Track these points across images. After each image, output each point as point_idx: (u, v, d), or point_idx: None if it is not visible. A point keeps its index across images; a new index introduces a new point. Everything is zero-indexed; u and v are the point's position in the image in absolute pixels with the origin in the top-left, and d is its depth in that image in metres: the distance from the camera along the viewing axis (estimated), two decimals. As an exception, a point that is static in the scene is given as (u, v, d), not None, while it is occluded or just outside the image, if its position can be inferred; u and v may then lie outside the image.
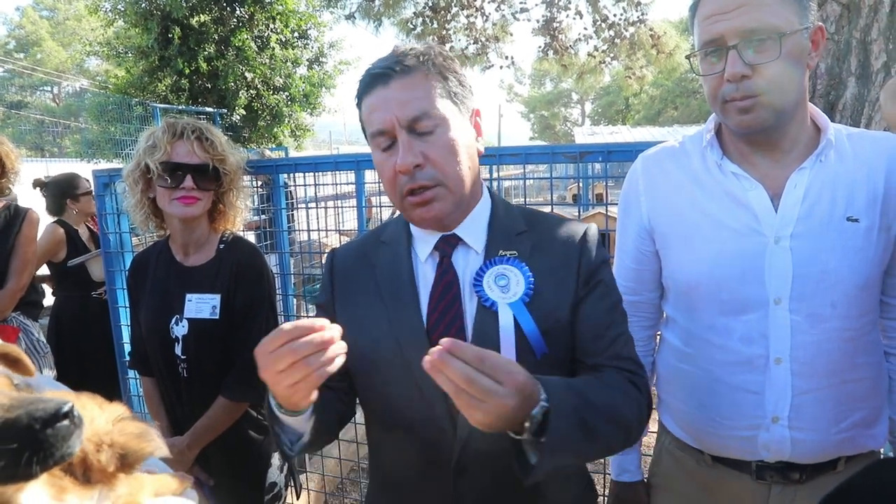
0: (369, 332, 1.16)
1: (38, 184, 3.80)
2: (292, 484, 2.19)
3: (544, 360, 1.10)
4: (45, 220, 3.65)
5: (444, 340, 0.86)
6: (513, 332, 1.09)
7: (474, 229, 1.19)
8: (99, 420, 0.64)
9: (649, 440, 1.62)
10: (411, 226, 1.23)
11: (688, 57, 1.31)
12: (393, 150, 1.10)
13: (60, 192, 3.72)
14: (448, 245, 1.18)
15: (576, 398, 0.98)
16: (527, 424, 0.90)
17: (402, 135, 1.09)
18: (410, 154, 1.08)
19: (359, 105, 1.17)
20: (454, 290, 1.15)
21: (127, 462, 0.64)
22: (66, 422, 0.54)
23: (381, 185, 1.23)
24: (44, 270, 3.66)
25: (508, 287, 1.12)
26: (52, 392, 0.65)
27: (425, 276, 1.18)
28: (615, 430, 1.04)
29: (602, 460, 1.99)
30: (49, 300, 3.83)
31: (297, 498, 2.36)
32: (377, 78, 1.11)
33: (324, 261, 1.42)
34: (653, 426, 1.67)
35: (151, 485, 0.68)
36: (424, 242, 1.20)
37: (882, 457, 1.41)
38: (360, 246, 1.30)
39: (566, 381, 1.03)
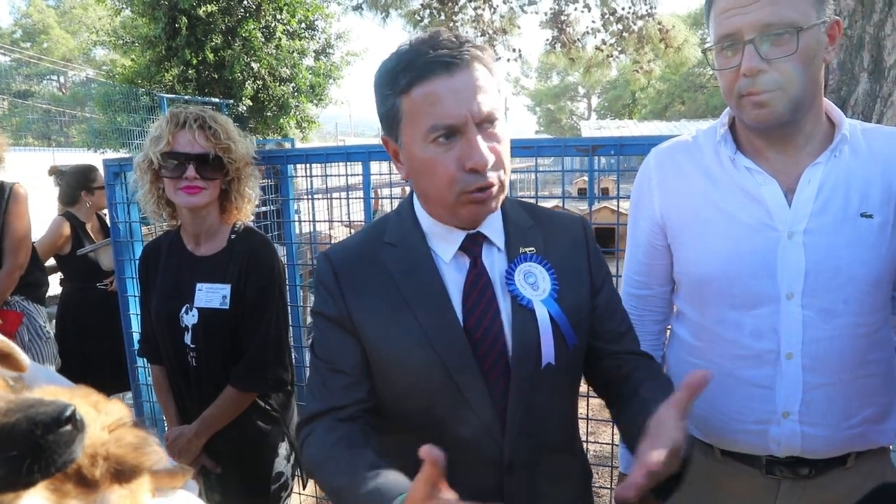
0: (399, 340, 1.12)
1: (53, 171, 3.78)
2: (299, 474, 2.20)
3: (574, 350, 1.16)
4: (43, 208, 3.63)
5: (639, 473, 0.90)
6: (550, 328, 1.12)
7: (495, 226, 1.19)
8: (94, 427, 0.60)
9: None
10: (423, 225, 1.18)
11: (703, 51, 1.30)
12: (452, 145, 1.04)
13: (77, 183, 3.70)
14: (476, 244, 1.16)
15: None
16: None
17: (472, 130, 1.03)
18: (487, 151, 1.04)
19: (405, 90, 1.05)
20: (490, 292, 1.14)
21: (123, 476, 0.61)
22: (68, 427, 0.51)
23: (392, 177, 1.20)
24: (50, 262, 3.67)
25: (537, 284, 1.15)
26: (46, 387, 0.63)
27: (452, 277, 1.15)
28: None
29: (609, 453, 1.99)
30: (56, 289, 3.84)
31: (304, 488, 2.38)
32: (440, 65, 1.02)
33: None
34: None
35: (152, 480, 0.66)
36: (446, 242, 1.16)
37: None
38: (361, 247, 1.21)
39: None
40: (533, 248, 1.18)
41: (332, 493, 1.08)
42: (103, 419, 0.63)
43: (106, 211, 3.94)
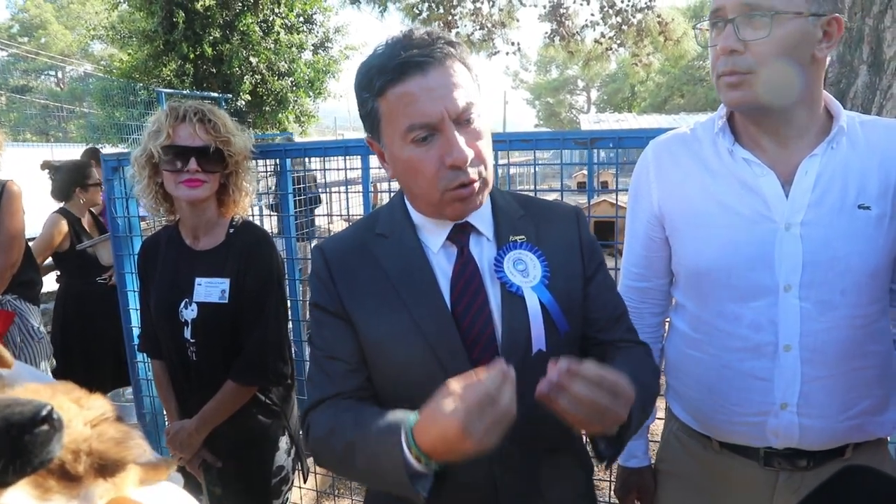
0: (390, 330, 1.13)
1: (46, 166, 3.74)
2: (300, 468, 2.21)
3: (566, 338, 1.16)
4: (41, 204, 3.60)
5: (565, 362, 0.94)
6: (540, 315, 1.12)
7: (483, 216, 1.20)
8: (76, 422, 0.60)
9: (657, 426, 1.62)
10: (413, 216, 1.20)
11: (694, 27, 1.31)
12: (431, 144, 1.05)
13: (71, 179, 3.67)
14: (463, 234, 1.17)
15: (639, 389, 1.06)
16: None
17: (450, 127, 1.04)
18: (466, 147, 1.04)
19: (380, 92, 1.06)
20: (477, 280, 1.14)
21: (107, 471, 0.60)
22: (44, 426, 0.51)
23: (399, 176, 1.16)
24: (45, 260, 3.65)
25: (527, 271, 1.15)
26: (28, 385, 0.63)
27: (441, 267, 1.16)
28: (653, 404, 1.23)
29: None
30: (53, 286, 3.81)
31: (305, 481, 2.38)
32: (413, 66, 1.02)
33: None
34: (660, 413, 1.68)
35: (136, 473, 0.65)
36: (434, 233, 1.18)
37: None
38: (353, 239, 1.23)
39: (632, 372, 1.08)
40: (524, 237, 1.18)
41: (345, 454, 1.07)
42: (85, 414, 0.62)
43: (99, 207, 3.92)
